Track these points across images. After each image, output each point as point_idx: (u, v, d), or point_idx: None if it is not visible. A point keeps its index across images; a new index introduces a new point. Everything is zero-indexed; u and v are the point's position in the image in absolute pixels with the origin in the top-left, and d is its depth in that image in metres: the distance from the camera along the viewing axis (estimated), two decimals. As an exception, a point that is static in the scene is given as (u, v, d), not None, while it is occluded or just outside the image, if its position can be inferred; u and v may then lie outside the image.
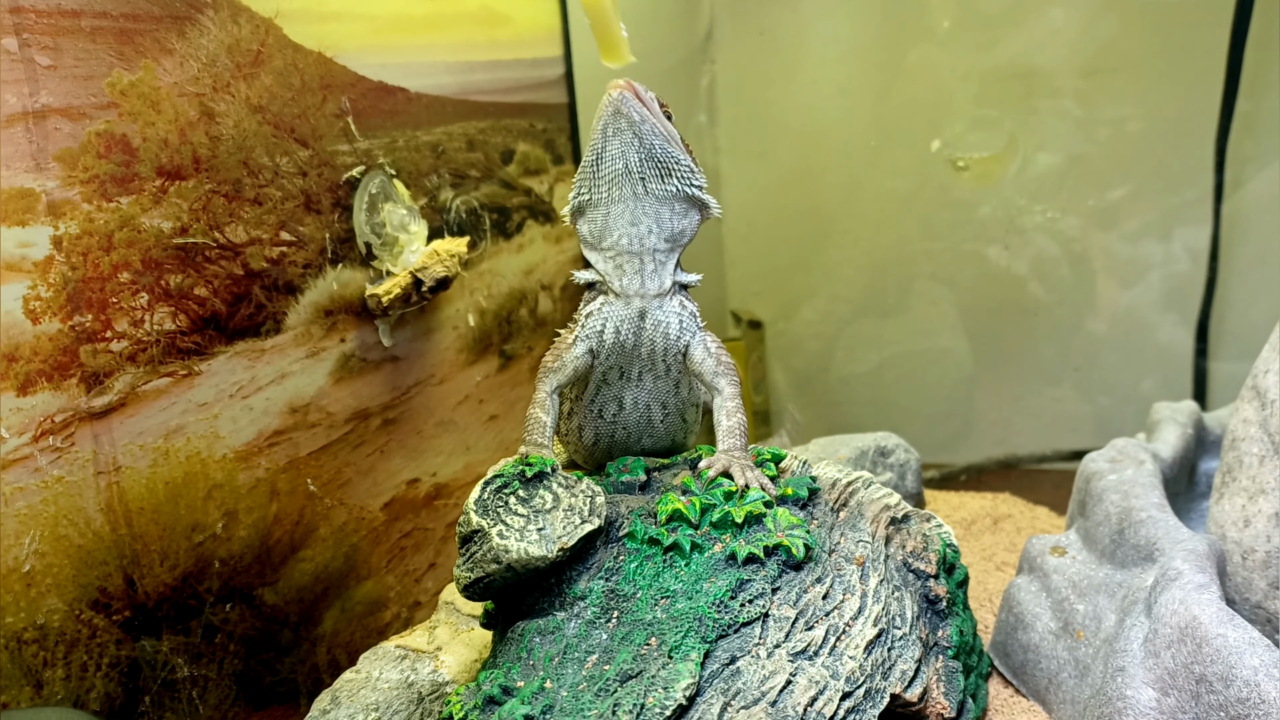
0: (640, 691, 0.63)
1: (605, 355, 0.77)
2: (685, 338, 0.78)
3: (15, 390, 0.75)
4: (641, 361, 0.78)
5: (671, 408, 0.81)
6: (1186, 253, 1.53)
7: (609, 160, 0.72)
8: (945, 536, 0.85)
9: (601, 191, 0.73)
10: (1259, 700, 0.62)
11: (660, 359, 0.78)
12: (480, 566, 0.69)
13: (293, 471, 1.00)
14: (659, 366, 0.79)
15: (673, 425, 0.82)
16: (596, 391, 0.80)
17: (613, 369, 0.78)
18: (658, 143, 0.72)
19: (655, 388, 0.80)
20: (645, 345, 0.77)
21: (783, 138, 1.84)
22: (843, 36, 1.77)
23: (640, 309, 0.77)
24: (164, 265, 0.86)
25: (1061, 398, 1.69)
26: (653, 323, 0.77)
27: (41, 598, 0.77)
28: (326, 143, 1.04)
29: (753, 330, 1.91)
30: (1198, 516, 1.01)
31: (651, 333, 0.77)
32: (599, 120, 0.72)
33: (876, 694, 0.68)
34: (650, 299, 0.77)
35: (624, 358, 0.78)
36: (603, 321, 0.76)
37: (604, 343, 0.77)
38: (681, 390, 0.81)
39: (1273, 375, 0.84)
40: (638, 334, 0.77)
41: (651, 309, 0.77)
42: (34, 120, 0.76)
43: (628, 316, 0.76)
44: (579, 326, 0.77)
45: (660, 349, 0.78)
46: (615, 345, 0.77)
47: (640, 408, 0.80)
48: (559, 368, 0.77)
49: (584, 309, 0.78)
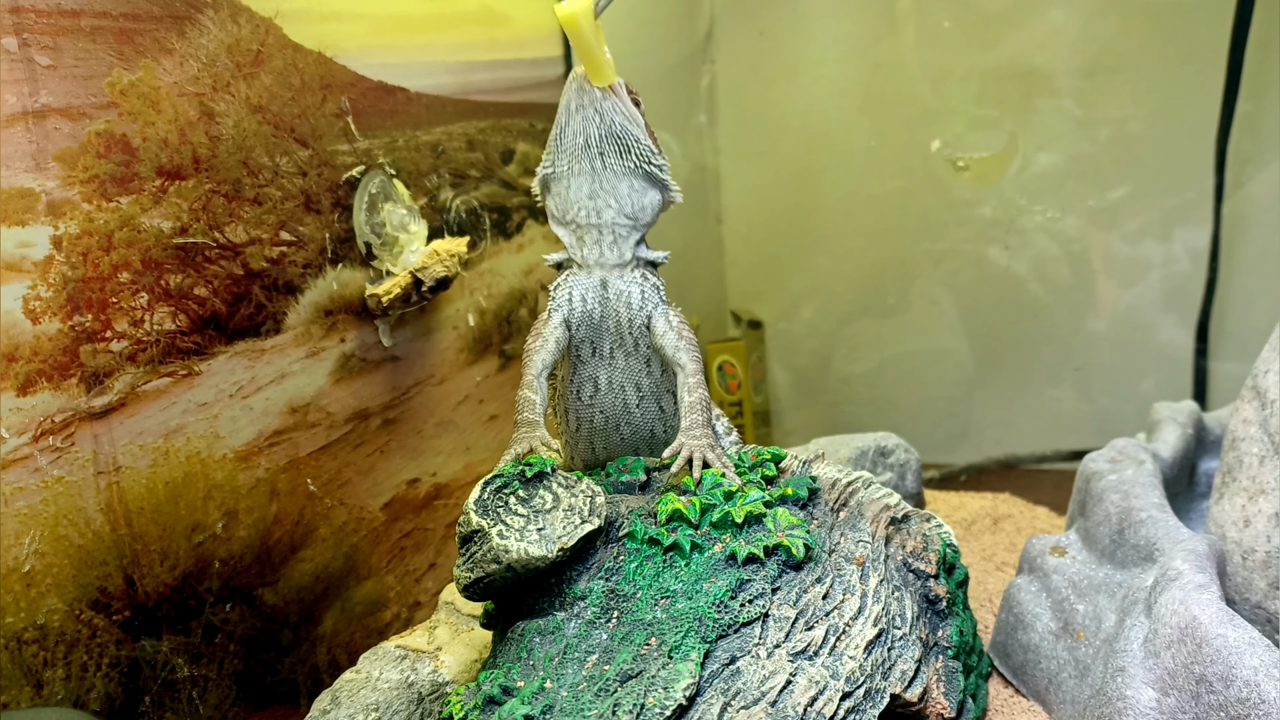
0: (640, 691, 0.63)
1: (577, 325, 0.81)
2: (648, 308, 0.81)
3: (15, 390, 0.75)
4: (610, 335, 0.82)
5: (646, 390, 0.84)
6: (1187, 253, 1.53)
7: (570, 135, 0.76)
8: (945, 536, 0.85)
9: (563, 164, 0.77)
10: (1259, 700, 0.62)
11: (627, 331, 0.82)
12: (480, 566, 0.69)
13: (293, 471, 1.00)
14: (627, 341, 0.82)
15: (649, 411, 0.85)
16: (574, 371, 0.83)
17: (584, 342, 0.82)
18: (618, 119, 0.76)
19: (627, 365, 0.83)
20: (611, 316, 0.81)
21: (782, 138, 1.84)
22: (843, 36, 1.77)
23: (601, 278, 0.81)
24: (164, 265, 0.86)
25: (1061, 398, 1.69)
26: (615, 292, 0.81)
27: (41, 598, 0.77)
28: (326, 142, 1.04)
29: (753, 330, 1.91)
30: (1198, 516, 1.01)
31: (615, 303, 0.81)
32: (565, 96, 0.76)
33: (876, 694, 0.68)
34: (610, 269, 0.81)
35: (594, 330, 0.82)
36: (569, 289, 0.81)
37: (574, 310, 0.81)
38: (654, 371, 0.84)
39: (1273, 375, 0.84)
40: (603, 304, 0.81)
41: (612, 279, 0.81)
42: (34, 120, 0.76)
43: (591, 285, 0.81)
44: (551, 299, 0.82)
45: (625, 319, 0.81)
46: (584, 315, 0.81)
47: (615, 388, 0.83)
48: (540, 345, 0.81)
49: (553, 286, 0.82)
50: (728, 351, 1.82)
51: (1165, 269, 1.56)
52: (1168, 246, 1.55)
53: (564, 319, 0.81)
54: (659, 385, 0.84)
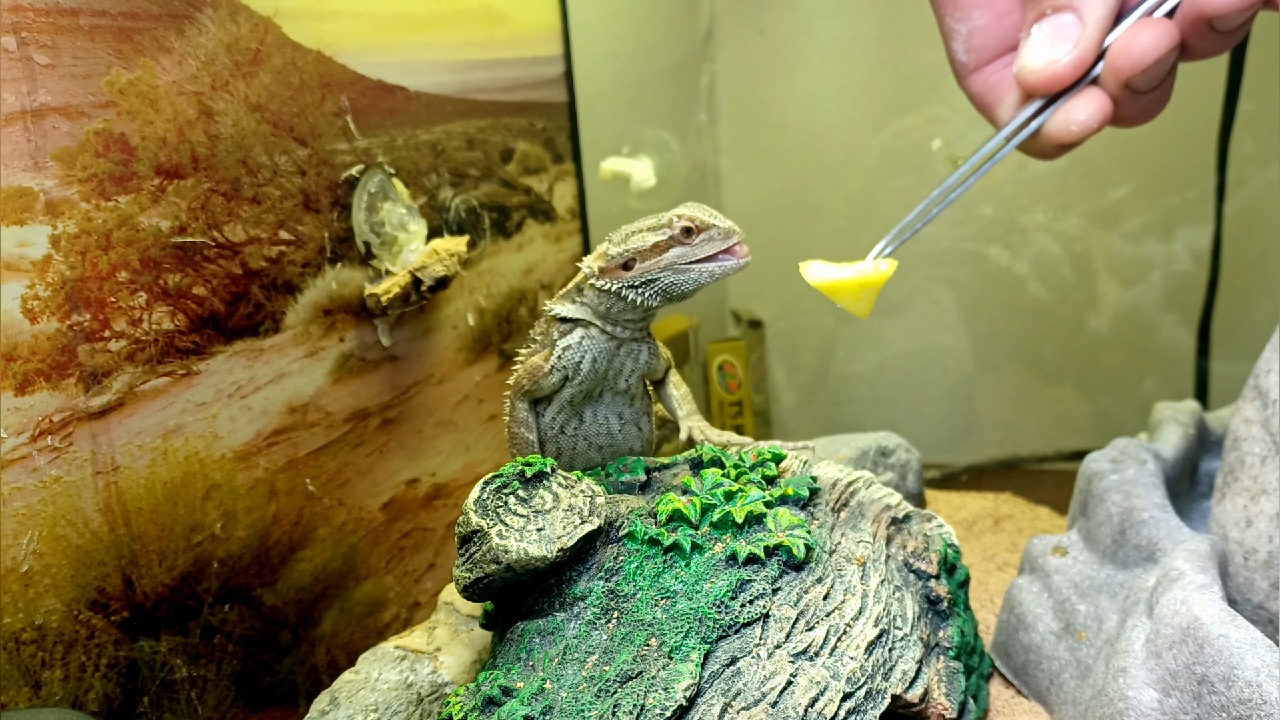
0: (640, 692, 0.63)
1: (579, 383, 0.81)
2: (651, 360, 0.84)
3: (13, 390, 0.75)
4: (606, 383, 0.83)
5: (628, 418, 0.85)
6: (1188, 252, 1.53)
7: (690, 294, 0.79)
8: (946, 537, 0.85)
9: (665, 304, 0.79)
10: (1261, 701, 0.62)
11: (624, 379, 0.83)
12: (480, 567, 0.69)
13: (291, 471, 1.00)
14: (619, 384, 0.83)
15: (629, 434, 0.86)
16: (558, 410, 0.83)
17: (579, 392, 0.82)
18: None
19: (613, 400, 0.84)
20: (614, 370, 0.82)
21: (783, 137, 1.84)
22: (843, 35, 1.77)
23: (619, 343, 0.81)
24: (162, 264, 0.86)
25: (1063, 398, 1.68)
26: (625, 351, 0.82)
27: (40, 598, 0.76)
28: (325, 141, 1.04)
29: (753, 330, 1.90)
30: (1199, 517, 1.01)
31: (624, 359, 0.82)
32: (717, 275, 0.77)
33: (877, 694, 0.68)
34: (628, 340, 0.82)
35: (593, 384, 0.82)
36: (582, 354, 0.80)
37: (580, 373, 0.81)
38: (635, 399, 0.85)
39: (1274, 375, 0.84)
40: (610, 362, 0.81)
41: (626, 343, 0.82)
42: (32, 119, 0.76)
43: (608, 350, 0.81)
44: (555, 357, 0.80)
45: (628, 370, 0.83)
46: (590, 374, 0.81)
47: (600, 420, 0.84)
48: (534, 389, 0.82)
49: (560, 340, 0.81)
50: (728, 351, 1.81)
51: (1167, 268, 1.55)
52: (1169, 246, 1.54)
53: (564, 378, 0.81)
54: (638, 410, 0.86)
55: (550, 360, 0.80)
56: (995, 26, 0.67)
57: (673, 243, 0.76)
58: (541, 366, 0.81)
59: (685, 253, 0.76)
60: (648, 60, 1.72)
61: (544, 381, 0.81)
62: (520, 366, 0.83)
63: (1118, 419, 1.58)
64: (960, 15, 0.67)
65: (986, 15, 0.67)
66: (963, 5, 0.67)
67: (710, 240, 0.76)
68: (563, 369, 0.80)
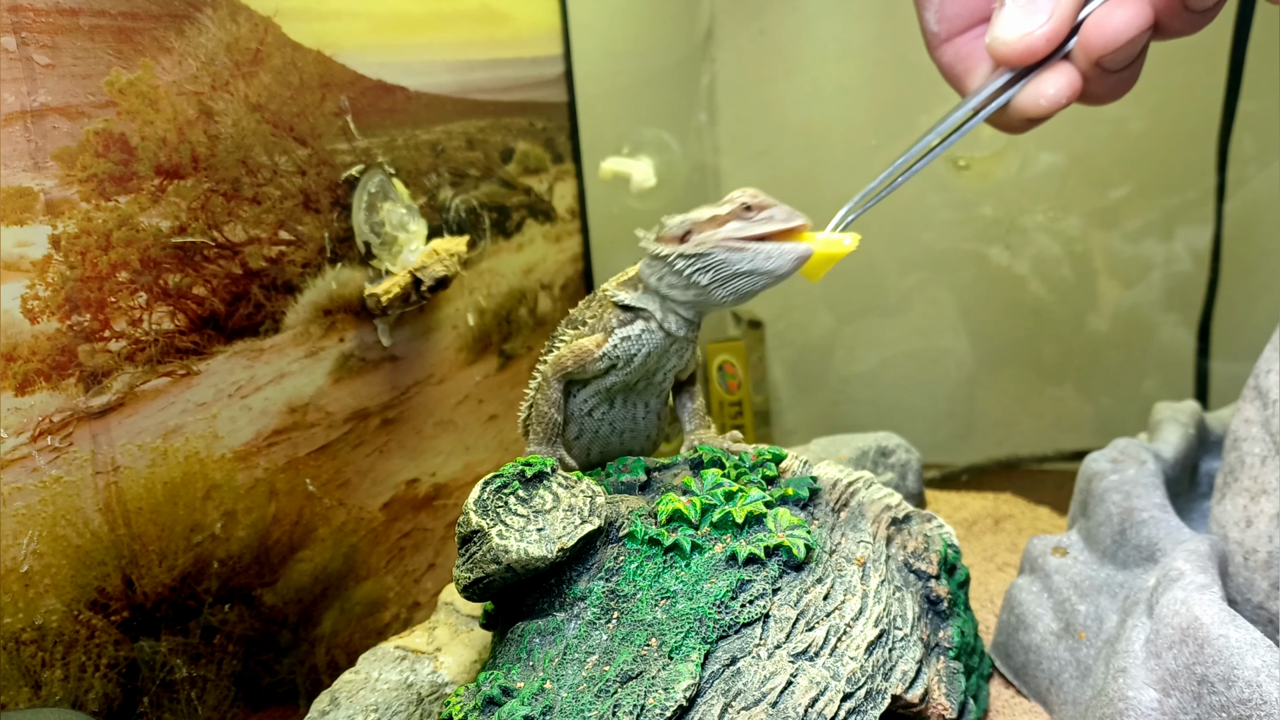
0: (640, 692, 0.63)
1: (625, 373, 0.80)
2: (690, 360, 0.84)
3: (13, 390, 0.75)
4: (646, 377, 0.82)
5: (653, 408, 0.85)
6: (1188, 252, 1.53)
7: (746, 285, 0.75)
8: (946, 537, 0.85)
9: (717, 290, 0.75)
10: (1261, 701, 0.62)
11: (662, 374, 0.83)
12: (480, 567, 0.69)
13: (292, 471, 1.00)
14: (657, 377, 0.83)
15: (650, 423, 0.86)
16: (592, 393, 0.82)
17: (620, 383, 0.81)
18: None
19: (645, 390, 0.84)
20: (660, 365, 0.81)
21: (783, 137, 1.84)
22: (843, 35, 1.76)
23: (673, 340, 0.80)
24: (162, 264, 0.86)
25: (1063, 398, 1.68)
26: (675, 348, 0.81)
27: (40, 598, 0.76)
28: (325, 141, 1.04)
29: (753, 330, 1.90)
30: (1199, 517, 1.01)
31: (670, 358, 0.81)
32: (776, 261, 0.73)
33: (878, 695, 0.68)
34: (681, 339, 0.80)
35: (636, 374, 0.81)
36: (639, 347, 0.79)
37: (630, 365, 0.79)
38: (663, 392, 0.85)
39: (1274, 375, 0.84)
40: (660, 357, 0.80)
41: (678, 342, 0.80)
42: (32, 119, 0.76)
43: (662, 346, 0.79)
44: (611, 344, 0.78)
45: (668, 367, 0.82)
46: (639, 368, 0.80)
47: (629, 407, 0.84)
48: (576, 372, 0.80)
49: (620, 329, 0.78)
50: (728, 351, 1.81)
51: (1167, 268, 1.55)
52: (1169, 246, 1.54)
53: (612, 367, 0.79)
54: (661, 403, 0.86)
55: (604, 346, 0.78)
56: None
57: (731, 216, 0.73)
58: (592, 351, 0.78)
59: (742, 227, 0.73)
60: (648, 60, 1.72)
61: (590, 366, 0.79)
62: (564, 346, 0.80)
63: (1118, 419, 1.58)
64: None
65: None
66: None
67: (770, 220, 0.73)
68: (615, 358, 0.78)
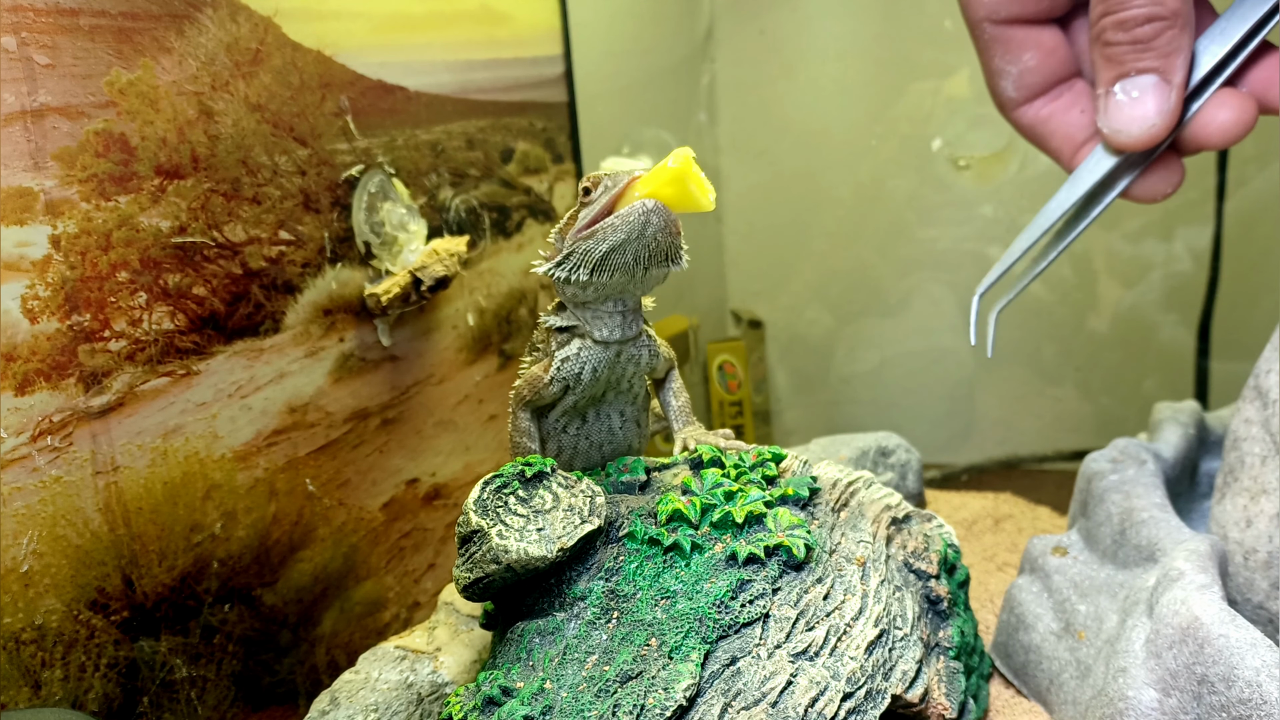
0: (640, 692, 0.63)
1: (581, 391, 0.80)
2: (652, 361, 0.82)
3: (13, 390, 0.75)
4: (610, 387, 0.82)
5: (629, 415, 0.85)
6: (1188, 252, 1.53)
7: (619, 260, 0.72)
8: (946, 537, 0.85)
9: (602, 278, 0.73)
10: (1261, 701, 0.62)
11: (627, 381, 0.82)
12: (480, 567, 0.69)
13: (291, 471, 1.00)
14: (623, 385, 0.82)
15: (629, 431, 0.85)
16: (561, 413, 0.83)
17: (582, 397, 0.81)
18: (676, 240, 0.73)
19: (616, 400, 0.84)
20: (617, 374, 0.81)
21: (783, 137, 1.84)
22: (843, 35, 1.77)
23: (617, 350, 0.79)
24: (162, 264, 0.86)
25: (1063, 397, 1.68)
26: (625, 357, 0.80)
27: (40, 598, 0.76)
28: (325, 141, 1.04)
29: (753, 330, 1.90)
30: (1199, 517, 1.01)
31: (625, 365, 0.81)
32: (623, 229, 0.70)
33: (877, 694, 0.68)
34: (626, 343, 0.80)
35: (595, 388, 0.81)
36: (580, 365, 0.79)
37: (580, 382, 0.79)
38: (637, 398, 0.85)
39: (1274, 375, 0.84)
40: (611, 368, 0.80)
41: (625, 348, 0.80)
42: (32, 119, 0.76)
43: (605, 358, 0.79)
44: (555, 368, 0.79)
45: (630, 374, 0.81)
46: (591, 383, 0.80)
47: (602, 418, 0.84)
48: (535, 399, 0.81)
49: (559, 351, 0.79)
50: (728, 351, 1.81)
51: (1167, 268, 1.55)
52: (1169, 246, 1.54)
53: (566, 387, 0.79)
54: (639, 408, 0.85)
55: (550, 371, 0.79)
56: (1043, 64, 0.69)
57: (580, 208, 0.74)
58: (541, 378, 0.79)
59: (587, 213, 0.72)
60: (648, 60, 1.72)
61: (545, 392, 0.80)
62: (521, 377, 0.82)
63: (1118, 419, 1.58)
64: (1010, 57, 0.69)
65: (1036, 55, 0.69)
66: (1014, 48, 0.69)
67: (605, 191, 0.72)
68: (563, 379, 0.79)
